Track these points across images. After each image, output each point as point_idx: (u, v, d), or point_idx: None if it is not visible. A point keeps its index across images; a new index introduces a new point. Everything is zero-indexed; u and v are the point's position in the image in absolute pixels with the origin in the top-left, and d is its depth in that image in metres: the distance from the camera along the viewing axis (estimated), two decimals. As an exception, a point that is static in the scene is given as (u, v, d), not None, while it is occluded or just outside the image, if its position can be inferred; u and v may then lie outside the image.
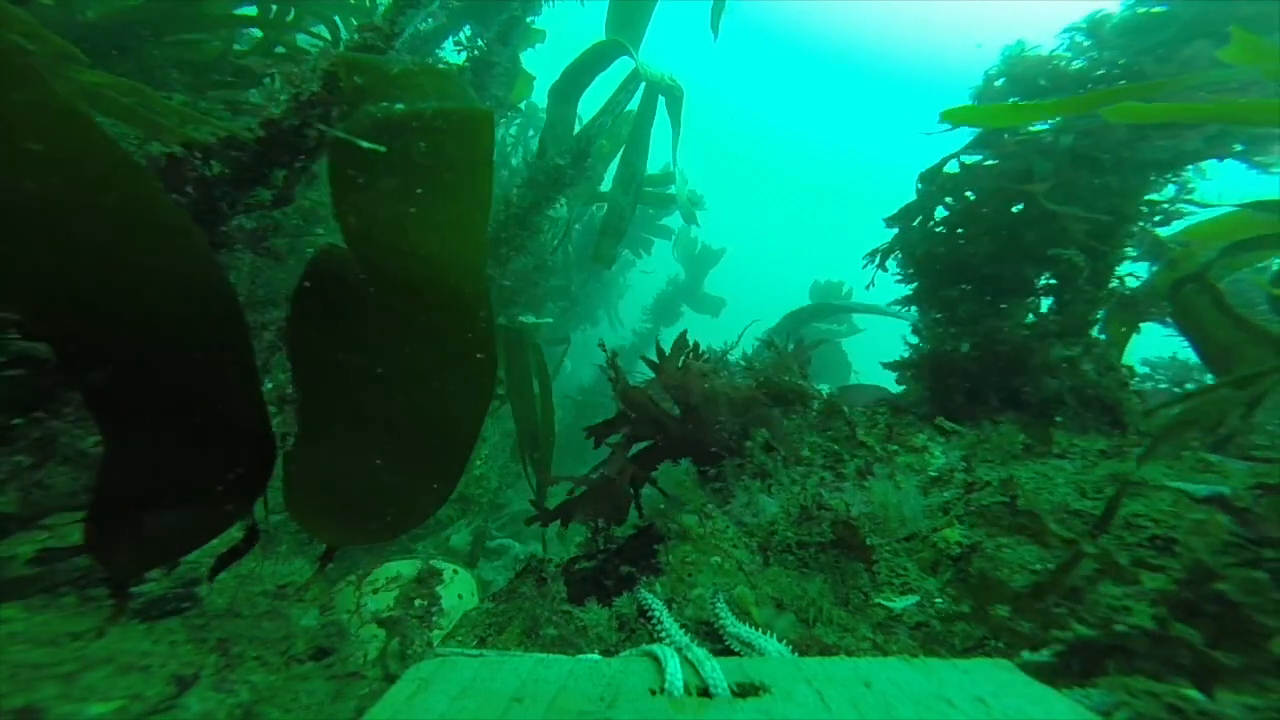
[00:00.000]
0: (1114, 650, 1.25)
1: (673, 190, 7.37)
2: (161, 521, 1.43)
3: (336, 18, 4.09)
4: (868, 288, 3.47)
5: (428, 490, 1.78)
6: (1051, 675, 1.29)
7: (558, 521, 2.69)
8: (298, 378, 1.61)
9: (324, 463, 1.65)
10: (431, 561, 2.55)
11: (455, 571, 2.54)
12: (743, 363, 3.03)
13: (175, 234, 1.35)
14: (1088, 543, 1.43)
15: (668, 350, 2.58)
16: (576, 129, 5.68)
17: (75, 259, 1.28)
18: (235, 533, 1.69)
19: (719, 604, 1.58)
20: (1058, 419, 2.53)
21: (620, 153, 5.96)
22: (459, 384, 1.71)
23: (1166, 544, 1.53)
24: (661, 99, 5.80)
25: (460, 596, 2.44)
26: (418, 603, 2.27)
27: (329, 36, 3.81)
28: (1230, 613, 1.19)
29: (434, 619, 2.27)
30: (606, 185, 7.01)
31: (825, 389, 2.87)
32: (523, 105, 7.19)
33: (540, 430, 4.32)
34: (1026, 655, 1.33)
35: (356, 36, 1.84)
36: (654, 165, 8.47)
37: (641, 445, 2.51)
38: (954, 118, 1.72)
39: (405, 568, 2.48)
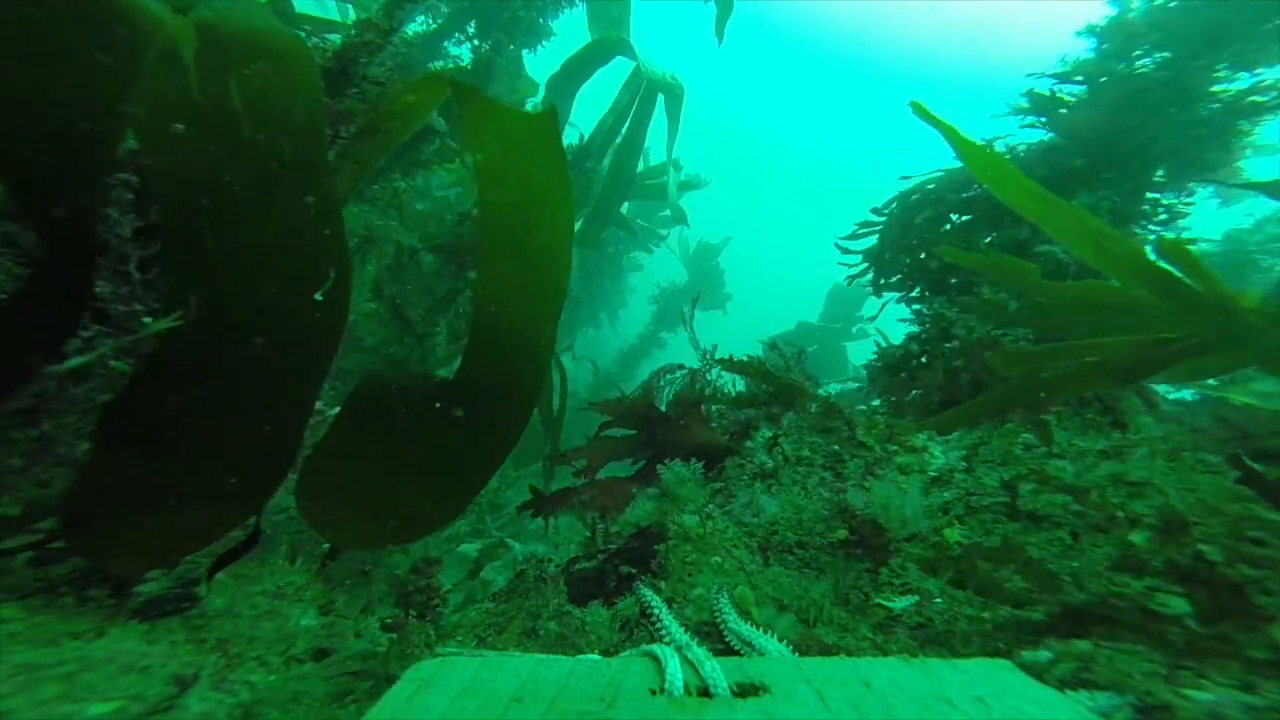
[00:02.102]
0: (1103, 620, 1.25)
1: (667, 183, 7.39)
2: (168, 521, 1.43)
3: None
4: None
5: (447, 503, 1.82)
6: (1035, 633, 1.30)
7: (558, 522, 2.70)
8: (340, 422, 1.66)
9: (346, 470, 1.68)
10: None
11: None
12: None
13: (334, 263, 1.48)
14: (1095, 494, 1.42)
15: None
16: (573, 127, 5.70)
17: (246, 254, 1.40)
18: (237, 533, 1.69)
19: (722, 600, 1.58)
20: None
21: (614, 147, 5.98)
22: (491, 433, 1.81)
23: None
24: (661, 96, 5.82)
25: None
26: (416, 598, 2.27)
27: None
28: (1233, 592, 1.19)
29: (438, 611, 2.27)
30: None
31: (833, 389, 2.89)
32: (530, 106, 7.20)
33: (555, 422, 4.45)
34: (1026, 655, 1.33)
35: (354, 34, 1.84)
36: (655, 160, 8.47)
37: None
38: (918, 110, 1.81)
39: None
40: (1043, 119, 3.07)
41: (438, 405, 1.72)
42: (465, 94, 1.59)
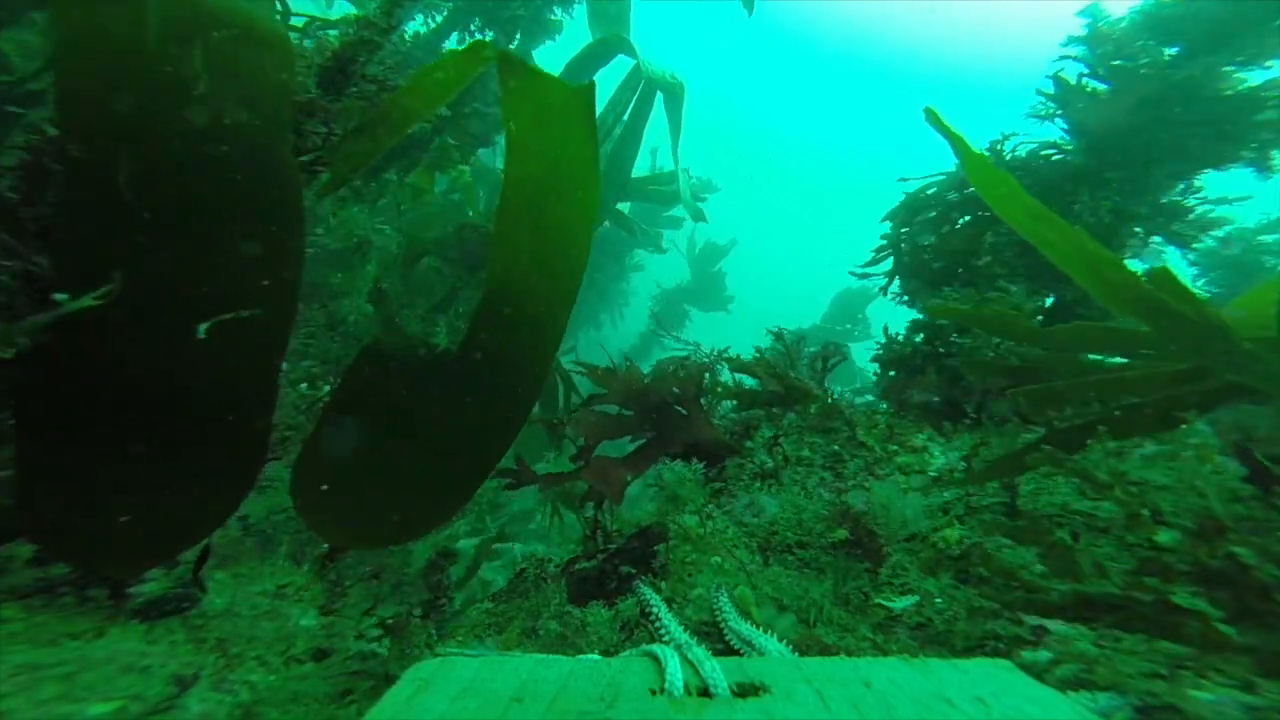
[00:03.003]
0: (1117, 609, 1.24)
1: (678, 188, 7.38)
2: (139, 518, 1.38)
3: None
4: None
5: (450, 494, 1.79)
6: (1044, 613, 1.28)
7: (559, 521, 2.66)
8: (336, 399, 1.62)
9: (339, 467, 1.65)
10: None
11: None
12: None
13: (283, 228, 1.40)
14: (1120, 489, 1.41)
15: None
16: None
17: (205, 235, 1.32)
18: (234, 531, 1.69)
19: (721, 598, 1.58)
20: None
21: (610, 146, 5.95)
22: (494, 416, 1.76)
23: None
24: (660, 95, 5.80)
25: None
26: (426, 594, 2.26)
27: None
28: (1259, 593, 1.17)
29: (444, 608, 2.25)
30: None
31: (837, 391, 2.86)
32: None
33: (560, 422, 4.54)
34: (1026, 655, 1.33)
35: (353, 31, 1.84)
36: (661, 163, 8.46)
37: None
38: (931, 117, 1.79)
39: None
40: (1059, 111, 3.03)
41: (438, 382, 1.67)
42: (509, 62, 1.56)
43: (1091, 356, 1.85)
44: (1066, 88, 2.98)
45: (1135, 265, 2.94)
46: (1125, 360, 1.74)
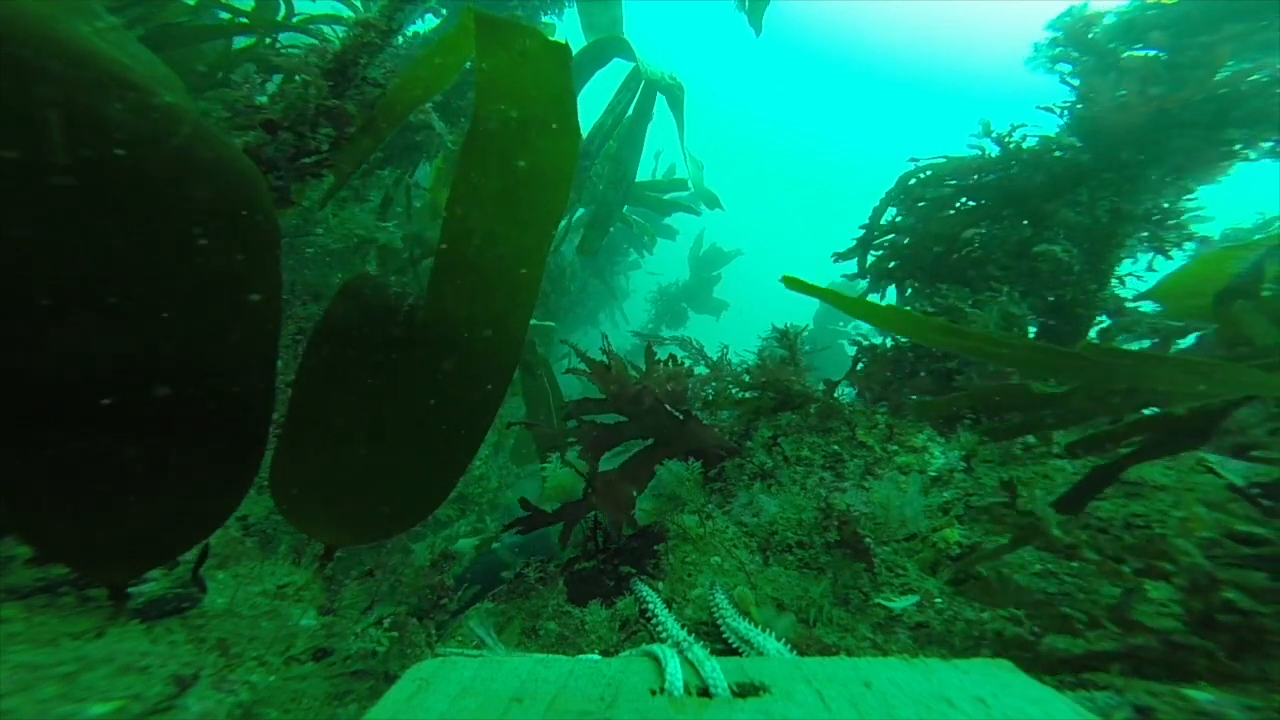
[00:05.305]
0: (1125, 656, 1.24)
1: (687, 183, 7.41)
2: (125, 517, 1.34)
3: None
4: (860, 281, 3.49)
5: (428, 488, 1.75)
6: (1050, 670, 1.29)
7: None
8: (300, 379, 1.58)
9: (316, 457, 1.62)
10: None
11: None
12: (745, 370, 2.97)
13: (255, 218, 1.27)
14: (1088, 549, 1.42)
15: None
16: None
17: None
18: (234, 531, 1.68)
19: (717, 595, 1.58)
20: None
21: (607, 148, 5.95)
22: (470, 386, 1.69)
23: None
24: (661, 97, 5.81)
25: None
26: (427, 594, 2.24)
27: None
28: (1247, 623, 1.18)
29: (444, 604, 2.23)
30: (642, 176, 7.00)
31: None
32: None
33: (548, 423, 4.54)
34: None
35: (354, 33, 1.84)
36: (663, 165, 8.47)
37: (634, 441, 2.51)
38: (791, 283, 1.74)
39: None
40: (1077, 103, 3.00)
41: (405, 349, 1.59)
42: (483, 17, 1.55)
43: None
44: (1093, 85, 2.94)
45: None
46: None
